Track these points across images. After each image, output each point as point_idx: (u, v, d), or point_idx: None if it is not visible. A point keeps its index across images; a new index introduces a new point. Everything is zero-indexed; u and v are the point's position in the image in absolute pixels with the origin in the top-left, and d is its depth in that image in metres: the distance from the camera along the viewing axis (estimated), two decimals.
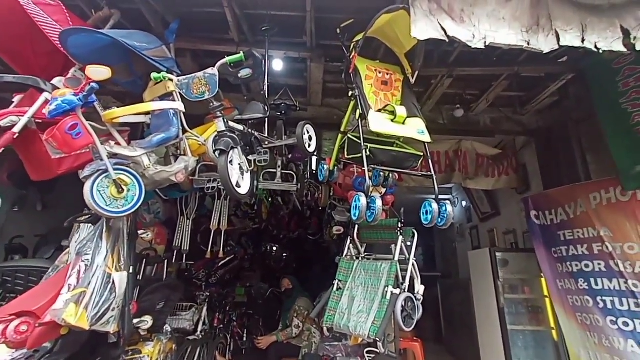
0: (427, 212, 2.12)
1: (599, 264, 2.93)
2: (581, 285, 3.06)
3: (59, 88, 1.79)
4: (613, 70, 2.77)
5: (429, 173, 2.27)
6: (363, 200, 1.95)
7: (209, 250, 3.89)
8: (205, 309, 4.06)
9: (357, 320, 2.20)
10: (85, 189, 1.76)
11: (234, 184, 1.94)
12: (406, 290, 2.24)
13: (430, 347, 6.56)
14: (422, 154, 2.31)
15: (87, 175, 1.76)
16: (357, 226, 2.87)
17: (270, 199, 4.85)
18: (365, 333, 2.09)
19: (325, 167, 2.68)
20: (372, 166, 2.14)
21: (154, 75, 1.92)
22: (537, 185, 4.14)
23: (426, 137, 2.21)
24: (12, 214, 4.12)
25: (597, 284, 2.93)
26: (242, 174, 2.07)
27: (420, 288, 2.48)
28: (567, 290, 3.24)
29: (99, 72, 1.67)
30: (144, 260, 2.87)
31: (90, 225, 2.27)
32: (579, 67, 2.98)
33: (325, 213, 4.64)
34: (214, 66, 1.99)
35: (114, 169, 1.85)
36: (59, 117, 1.60)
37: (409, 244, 2.56)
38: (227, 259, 5.38)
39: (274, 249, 8.18)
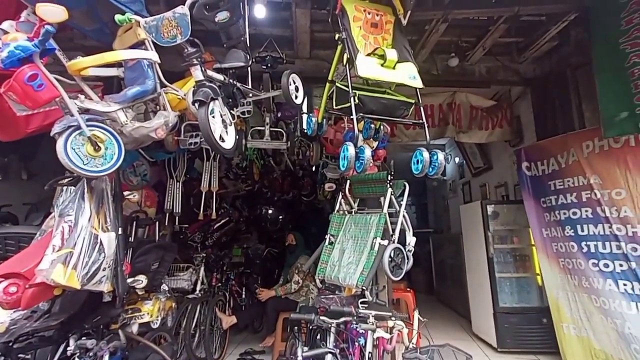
0: (418, 161, 2.07)
1: (586, 211, 2.98)
2: (567, 232, 3.13)
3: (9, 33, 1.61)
4: (619, 4, 2.61)
5: (420, 121, 2.19)
6: (351, 149, 1.88)
7: (201, 212, 3.84)
8: (202, 269, 4.15)
9: (346, 272, 2.23)
10: (58, 147, 1.66)
11: (217, 137, 1.85)
12: (395, 241, 2.25)
13: (422, 298, 6.91)
14: (413, 101, 2.21)
15: (58, 132, 1.66)
16: (348, 181, 2.85)
17: (261, 160, 4.76)
18: (354, 283, 2.13)
19: (314, 119, 2.57)
20: (361, 115, 2.04)
21: (117, 17, 1.74)
22: (530, 137, 4.11)
23: (418, 83, 2.09)
24: None
25: (582, 230, 2.99)
26: (226, 127, 1.98)
27: (411, 240, 2.50)
28: (552, 237, 3.32)
29: (53, 12, 1.49)
30: (134, 222, 2.84)
31: (72, 187, 2.21)
32: (583, 3, 2.80)
33: (318, 172, 4.59)
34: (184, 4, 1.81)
35: (87, 125, 1.74)
36: (14, 67, 1.45)
37: (399, 197, 2.54)
38: (222, 221, 5.42)
39: (270, 211, 8.27)
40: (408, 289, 4.31)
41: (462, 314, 5.21)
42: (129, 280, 2.32)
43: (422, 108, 2.20)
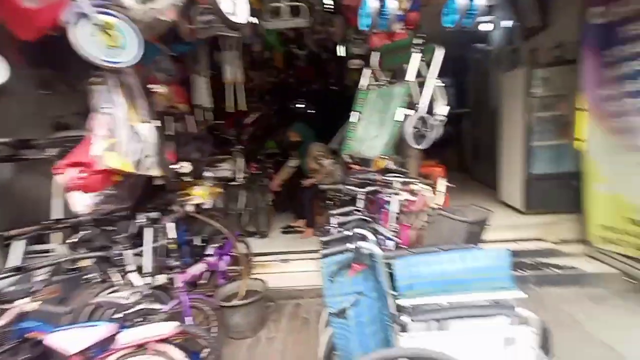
0: (451, 10, 1.79)
1: None
2: (628, 88, 2.82)
3: None
4: None
5: None
6: (373, 3, 1.66)
7: (228, 105, 3.89)
8: (241, 160, 4.49)
9: (369, 144, 2.29)
10: (71, 38, 1.68)
11: (226, 10, 1.74)
12: (422, 110, 2.19)
13: (455, 175, 7.03)
14: None
15: (66, 21, 1.65)
16: (378, 53, 2.64)
17: (283, 47, 4.48)
18: (376, 153, 2.20)
19: None
20: None
21: None
22: None
23: None
24: (45, 97, 4.28)
25: None
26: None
27: (442, 109, 2.41)
28: (607, 97, 3.02)
29: None
30: (172, 116, 3.02)
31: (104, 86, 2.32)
32: None
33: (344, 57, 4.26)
34: None
35: (94, 12, 1.70)
36: None
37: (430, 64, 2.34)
38: (254, 117, 5.56)
39: (301, 106, 8.20)
40: (439, 164, 4.40)
41: (490, 186, 5.34)
42: (175, 166, 2.59)
43: None
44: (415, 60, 2.11)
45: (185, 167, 2.71)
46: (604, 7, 2.99)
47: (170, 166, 2.50)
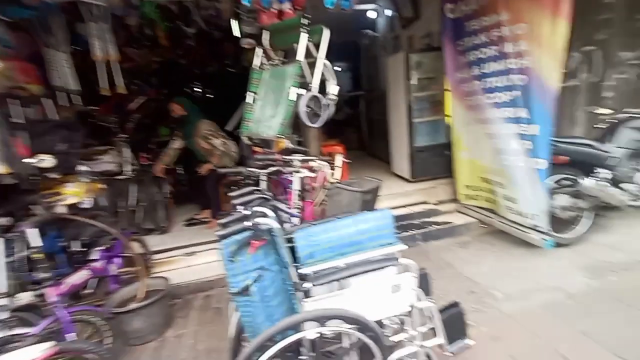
0: None
1: (493, 49, 3.18)
2: (474, 72, 3.42)
3: None
4: None
5: None
6: None
7: (102, 87, 3.32)
8: (128, 150, 3.96)
9: (267, 124, 2.28)
10: None
11: None
12: (314, 90, 2.27)
13: (354, 153, 7.58)
14: None
15: None
16: (268, 32, 2.61)
17: (166, 22, 4.00)
18: (273, 133, 2.22)
19: None
20: None
21: None
22: None
23: None
24: None
25: (486, 68, 3.28)
26: None
27: (333, 89, 2.54)
28: (462, 80, 3.63)
29: None
30: (18, 100, 2.43)
31: None
32: None
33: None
34: None
35: None
36: None
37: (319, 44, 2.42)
38: (140, 102, 4.91)
39: (197, 90, 7.55)
40: (338, 144, 4.68)
41: (385, 160, 5.97)
42: (31, 160, 2.13)
43: None
44: (303, 40, 2.15)
45: (47, 160, 2.25)
46: (453, 4, 3.54)
47: (24, 160, 2.04)
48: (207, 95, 7.49)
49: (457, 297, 2.53)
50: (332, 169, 2.73)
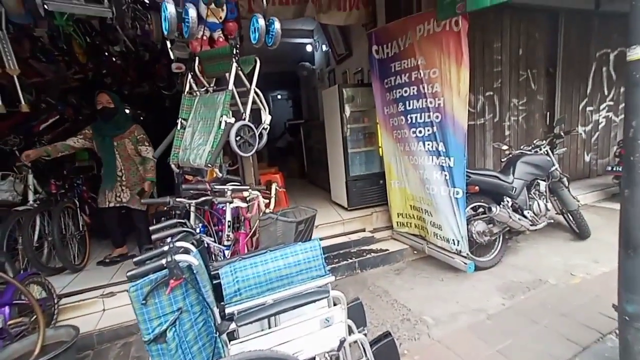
0: (255, 29, 1.95)
1: (413, 89, 3.54)
2: (400, 108, 3.74)
3: None
4: None
5: None
6: (170, 7, 1.60)
7: None
8: (31, 177, 3.46)
9: (196, 153, 2.19)
10: None
11: None
12: (246, 119, 2.26)
13: (296, 181, 7.66)
14: None
15: None
16: (197, 58, 2.56)
17: (84, 36, 3.70)
18: (202, 162, 2.14)
19: None
20: None
21: None
22: (382, 21, 4.35)
23: None
24: None
25: (409, 105, 3.61)
26: None
27: (266, 118, 2.55)
28: (390, 114, 3.94)
29: None
30: None
31: None
32: None
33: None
34: None
35: None
36: None
37: (251, 74, 2.44)
38: (50, 121, 4.38)
39: (127, 111, 7.02)
40: (276, 172, 4.67)
41: (325, 188, 6.09)
42: None
43: None
44: (233, 69, 2.16)
45: None
46: (378, 46, 3.90)
47: None
48: (140, 117, 7.02)
49: (392, 325, 2.62)
50: (268, 198, 2.68)
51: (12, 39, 2.76)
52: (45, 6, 2.25)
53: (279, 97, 11.56)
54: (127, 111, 3.67)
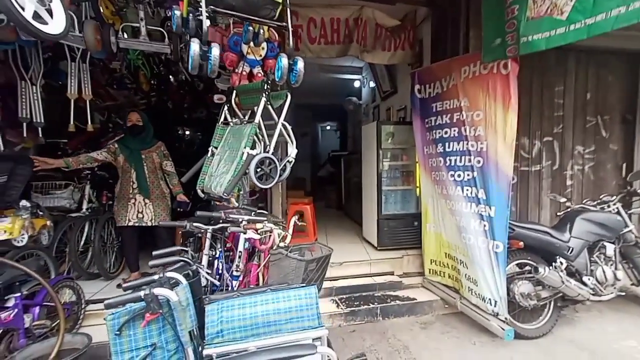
0: (278, 68, 2.00)
1: (454, 130, 3.35)
2: (439, 149, 3.54)
3: None
4: None
5: (284, 24, 2.06)
6: (195, 46, 1.70)
7: (71, 123, 3.30)
8: (88, 187, 3.84)
9: (218, 181, 2.24)
10: None
11: (27, 14, 1.49)
12: (270, 151, 2.28)
13: (331, 213, 7.57)
14: (280, 1, 2.03)
15: None
16: (234, 91, 2.71)
17: (150, 68, 4.18)
18: (221, 190, 2.16)
19: (177, 12, 2.23)
20: (213, 8, 1.82)
21: None
22: (428, 61, 4.27)
23: None
24: None
25: (449, 147, 3.40)
26: (44, 3, 1.59)
27: (292, 151, 2.56)
28: (429, 154, 3.74)
29: None
30: None
31: None
32: None
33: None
34: None
35: None
36: None
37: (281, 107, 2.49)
38: (117, 138, 4.91)
39: (187, 132, 7.71)
40: (307, 202, 4.64)
41: (359, 223, 5.89)
42: None
43: (288, 10, 2.04)
44: (262, 103, 2.22)
45: None
46: (421, 85, 3.80)
47: None
48: (198, 138, 7.63)
49: None
50: (286, 230, 2.62)
51: (94, 70, 3.19)
52: (120, 44, 2.58)
53: (328, 127, 11.85)
54: (151, 127, 3.83)
